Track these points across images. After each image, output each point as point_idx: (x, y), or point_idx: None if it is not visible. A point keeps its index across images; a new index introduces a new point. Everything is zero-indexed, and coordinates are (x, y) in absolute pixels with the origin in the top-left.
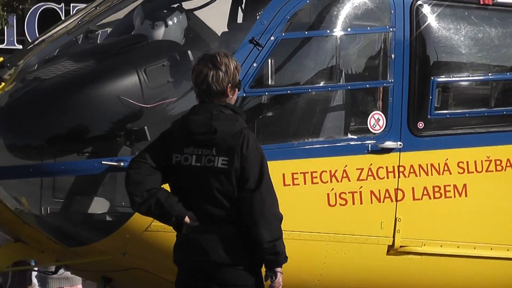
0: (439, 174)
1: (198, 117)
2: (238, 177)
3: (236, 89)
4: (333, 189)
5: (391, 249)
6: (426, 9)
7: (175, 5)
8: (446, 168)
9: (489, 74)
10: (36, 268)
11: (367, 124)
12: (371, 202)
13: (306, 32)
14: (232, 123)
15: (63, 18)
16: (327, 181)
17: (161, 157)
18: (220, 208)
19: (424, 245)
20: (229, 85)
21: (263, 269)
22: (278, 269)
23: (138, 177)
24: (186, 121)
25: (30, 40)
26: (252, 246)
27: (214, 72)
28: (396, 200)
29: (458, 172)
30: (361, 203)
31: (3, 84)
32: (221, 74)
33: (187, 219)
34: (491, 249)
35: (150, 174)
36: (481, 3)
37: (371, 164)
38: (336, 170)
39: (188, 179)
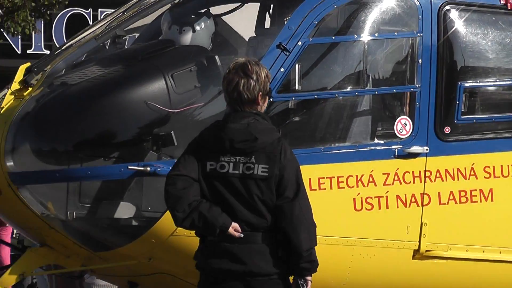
0: (465, 178)
1: (236, 125)
2: (276, 185)
3: (267, 97)
4: (359, 193)
5: (417, 254)
6: (454, 14)
7: (203, 10)
8: (472, 173)
9: None
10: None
11: (393, 129)
12: (397, 207)
13: (334, 37)
14: (270, 132)
15: (90, 23)
16: (353, 186)
17: (196, 167)
18: (260, 216)
19: (450, 249)
20: (260, 93)
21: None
22: (309, 278)
23: (176, 192)
24: (223, 129)
25: (57, 45)
26: (288, 255)
27: (245, 81)
28: (422, 205)
29: (485, 177)
30: (387, 208)
31: (30, 89)
32: (252, 82)
33: (231, 229)
34: None
35: (188, 186)
36: (509, 8)
37: (398, 168)
38: (362, 175)
39: (224, 187)
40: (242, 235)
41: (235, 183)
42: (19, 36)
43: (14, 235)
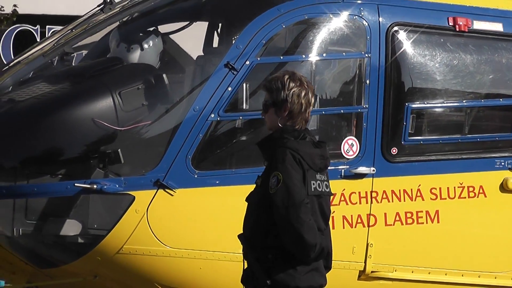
0: (411, 200)
1: (318, 142)
2: None
3: None
4: None
5: (362, 274)
6: (402, 35)
7: (151, 29)
8: (418, 194)
9: (463, 101)
10: None
11: (340, 149)
12: (343, 227)
13: (282, 57)
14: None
15: (38, 40)
16: None
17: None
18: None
19: (395, 270)
20: None
21: None
22: None
23: (313, 223)
24: (314, 145)
25: (5, 62)
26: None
27: (311, 93)
28: (368, 226)
29: (431, 198)
30: (333, 228)
31: None
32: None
33: None
34: (462, 275)
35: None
36: (457, 30)
37: (344, 189)
38: None
39: (320, 207)
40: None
41: (325, 202)
42: None
43: None
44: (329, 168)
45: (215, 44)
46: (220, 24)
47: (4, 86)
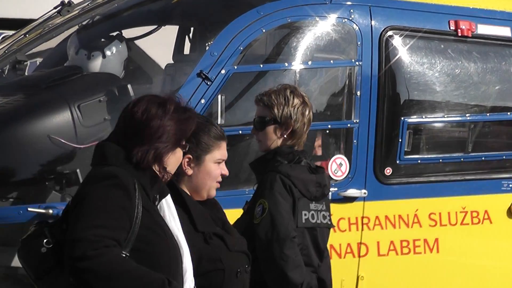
0: (407, 227)
1: (315, 167)
2: None
3: None
4: None
5: None
6: (397, 41)
7: (114, 34)
8: (416, 220)
9: (467, 115)
10: None
11: (328, 170)
12: (331, 258)
13: (262, 65)
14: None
15: None
16: None
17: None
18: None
19: None
20: None
21: None
22: None
23: (299, 260)
24: (310, 171)
25: None
26: None
27: (311, 111)
28: (359, 256)
29: (430, 225)
30: None
31: None
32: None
33: None
34: None
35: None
36: (459, 34)
37: (332, 214)
38: None
39: (313, 241)
40: None
41: (321, 235)
42: None
43: None
44: None
45: (187, 51)
46: (192, 28)
47: None
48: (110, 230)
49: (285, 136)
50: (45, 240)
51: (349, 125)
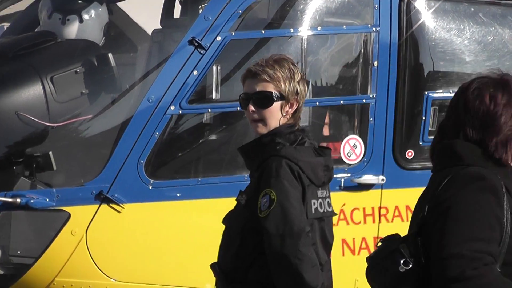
0: None
1: (320, 148)
2: None
3: None
4: None
5: None
6: (420, 4)
7: None
8: None
9: None
10: None
11: (340, 152)
12: (343, 255)
13: (263, 31)
14: None
15: None
16: None
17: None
18: None
19: None
20: None
21: None
22: None
23: (315, 258)
24: (316, 153)
25: None
26: None
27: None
28: None
29: None
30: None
31: None
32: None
33: None
34: None
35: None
36: None
37: (344, 204)
38: None
39: (321, 233)
40: None
41: (325, 226)
42: None
43: None
44: None
45: (177, 14)
46: None
47: None
48: (486, 244)
49: (288, 114)
50: (402, 260)
51: (364, 100)
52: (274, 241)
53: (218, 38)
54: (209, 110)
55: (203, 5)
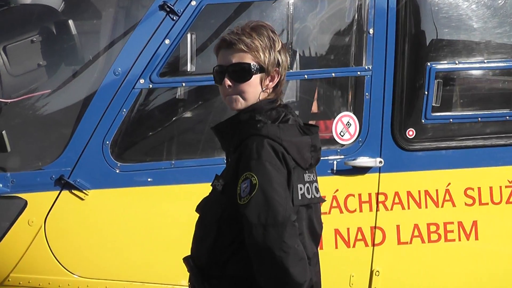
0: (437, 206)
1: (306, 125)
2: None
3: None
4: None
5: None
6: None
7: None
8: (447, 198)
9: None
10: None
11: (331, 131)
12: (336, 247)
13: None
14: None
15: None
16: None
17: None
18: None
19: None
20: None
21: None
22: None
23: (302, 251)
24: (302, 131)
25: None
26: None
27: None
28: (373, 245)
29: (466, 204)
30: (321, 248)
31: None
32: None
33: None
34: None
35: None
36: None
37: (337, 190)
38: None
39: (309, 222)
40: None
41: (312, 214)
42: None
43: None
44: None
45: None
46: None
47: None
48: None
49: (269, 88)
50: None
51: (359, 72)
52: (256, 231)
53: (193, 3)
54: (183, 84)
55: None
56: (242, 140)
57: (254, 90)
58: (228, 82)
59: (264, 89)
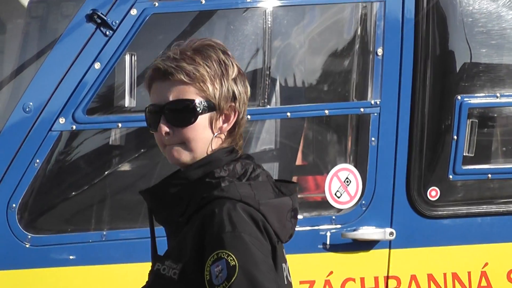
0: None
1: (279, 182)
2: None
3: None
4: None
5: None
6: None
7: None
8: (484, 283)
9: None
10: None
11: (324, 191)
12: None
13: (203, 1)
14: None
15: None
16: None
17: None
18: None
19: None
20: None
21: None
22: None
23: None
24: (278, 190)
25: None
26: None
27: None
28: None
29: None
30: None
31: None
32: None
33: None
34: None
35: None
36: None
37: (331, 273)
38: None
39: None
40: None
41: None
42: None
43: None
44: (303, 228)
45: None
46: None
47: None
48: None
49: (223, 131)
50: None
51: (362, 109)
52: None
53: (133, 12)
54: (119, 124)
55: None
56: (200, 206)
57: (202, 136)
58: (164, 128)
59: (216, 133)
